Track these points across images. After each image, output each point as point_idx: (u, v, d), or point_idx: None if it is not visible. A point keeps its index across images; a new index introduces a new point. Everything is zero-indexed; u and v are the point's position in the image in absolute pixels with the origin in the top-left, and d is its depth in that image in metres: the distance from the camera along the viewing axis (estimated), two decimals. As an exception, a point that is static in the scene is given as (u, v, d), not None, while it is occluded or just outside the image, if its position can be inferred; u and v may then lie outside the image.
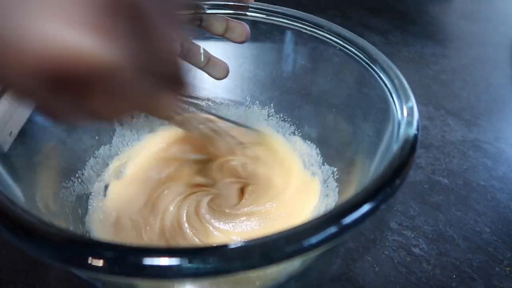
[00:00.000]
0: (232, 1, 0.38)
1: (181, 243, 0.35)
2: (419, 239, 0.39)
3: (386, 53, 0.71)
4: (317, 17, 0.37)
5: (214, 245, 0.17)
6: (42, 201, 0.29)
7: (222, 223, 0.36)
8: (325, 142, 0.40)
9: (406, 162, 0.23)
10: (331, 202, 0.35)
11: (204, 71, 0.40)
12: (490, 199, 0.43)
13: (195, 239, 0.35)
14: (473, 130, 0.53)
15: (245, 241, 0.18)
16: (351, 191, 0.31)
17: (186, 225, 0.36)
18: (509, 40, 0.74)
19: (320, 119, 0.40)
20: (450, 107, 0.57)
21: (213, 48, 0.40)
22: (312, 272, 0.36)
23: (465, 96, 0.59)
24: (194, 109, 0.34)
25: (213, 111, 0.40)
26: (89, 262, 0.17)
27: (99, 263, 0.17)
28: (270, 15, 0.38)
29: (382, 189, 0.21)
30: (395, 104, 0.27)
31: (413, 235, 0.39)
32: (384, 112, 0.29)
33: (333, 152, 0.38)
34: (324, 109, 0.39)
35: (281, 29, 0.38)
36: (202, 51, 0.39)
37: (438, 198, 0.43)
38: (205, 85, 0.42)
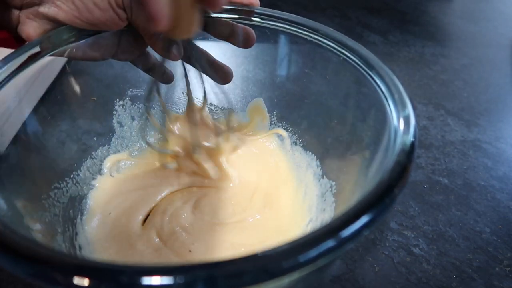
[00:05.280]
0: (237, 6, 0.37)
1: (176, 247, 0.35)
2: (419, 239, 0.39)
3: (386, 53, 0.71)
4: (317, 22, 0.36)
5: (208, 262, 0.17)
6: (26, 202, 0.28)
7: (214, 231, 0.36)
8: (325, 153, 0.39)
9: (404, 171, 0.22)
10: (327, 217, 0.34)
11: (207, 75, 0.40)
12: (490, 199, 0.43)
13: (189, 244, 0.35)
14: (473, 130, 0.53)
15: (241, 257, 0.17)
16: (347, 205, 0.31)
17: (180, 230, 0.36)
18: (509, 40, 0.74)
19: (321, 129, 0.40)
20: (450, 107, 0.57)
21: (213, 49, 0.40)
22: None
23: (465, 96, 0.59)
24: None
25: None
26: (74, 282, 0.16)
27: (84, 282, 0.16)
28: (267, 19, 0.37)
29: (380, 200, 0.20)
30: (391, 112, 0.27)
31: (413, 235, 0.39)
32: (381, 121, 0.28)
33: (333, 164, 0.38)
34: (324, 118, 0.39)
35: (281, 34, 0.38)
36: (205, 54, 0.39)
37: (438, 198, 0.43)
38: (204, 85, 0.42)
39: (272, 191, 0.40)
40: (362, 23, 0.78)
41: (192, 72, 0.40)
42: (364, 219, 0.19)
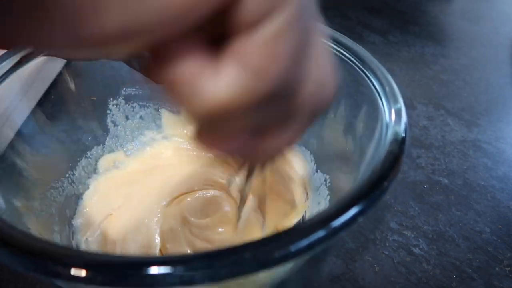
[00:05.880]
0: None
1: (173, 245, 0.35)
2: (419, 239, 0.39)
3: (386, 53, 0.71)
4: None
5: (203, 252, 0.17)
6: (24, 202, 0.28)
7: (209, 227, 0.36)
8: (319, 147, 0.39)
9: (395, 161, 0.22)
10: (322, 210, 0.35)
11: None
12: (490, 199, 0.43)
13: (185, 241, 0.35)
14: (473, 130, 0.53)
15: (233, 247, 0.17)
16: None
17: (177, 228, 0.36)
18: (509, 40, 0.74)
19: (315, 124, 0.40)
20: (450, 107, 0.57)
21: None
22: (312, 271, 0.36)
23: (465, 96, 0.59)
24: None
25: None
26: (71, 273, 0.16)
27: (82, 273, 0.16)
28: None
29: (371, 190, 0.21)
30: (383, 106, 0.27)
31: (413, 235, 0.39)
32: (373, 114, 0.28)
33: (327, 158, 0.38)
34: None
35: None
36: None
37: (438, 198, 0.43)
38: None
39: (265, 186, 0.40)
40: (362, 23, 0.78)
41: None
42: (355, 209, 0.19)
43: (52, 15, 0.10)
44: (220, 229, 0.36)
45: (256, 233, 0.36)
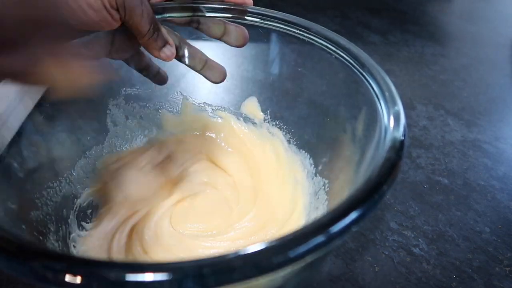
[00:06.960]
0: (230, 5, 0.37)
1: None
2: (419, 239, 0.39)
3: (386, 53, 0.71)
4: (308, 21, 0.36)
5: (198, 258, 0.17)
6: (19, 202, 0.28)
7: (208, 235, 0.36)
8: (318, 151, 0.39)
9: (393, 167, 0.22)
10: (320, 215, 0.34)
11: (201, 74, 0.40)
12: (490, 199, 0.43)
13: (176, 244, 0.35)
14: (473, 130, 0.53)
15: (230, 253, 0.17)
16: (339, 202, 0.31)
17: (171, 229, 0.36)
18: (509, 40, 0.74)
19: (314, 128, 0.40)
20: (450, 107, 0.57)
21: (212, 49, 0.40)
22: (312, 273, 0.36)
23: (465, 96, 0.59)
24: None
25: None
26: (66, 279, 0.16)
27: (76, 280, 0.16)
28: (260, 19, 0.37)
29: (369, 196, 0.20)
30: (382, 109, 0.27)
31: (413, 235, 0.39)
32: (372, 118, 0.28)
33: (326, 162, 0.38)
34: (317, 117, 0.39)
35: (274, 33, 0.38)
36: (199, 54, 0.39)
37: (438, 198, 0.43)
38: (204, 84, 0.42)
39: (265, 191, 0.40)
40: (362, 23, 0.78)
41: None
42: (353, 215, 0.19)
43: None
44: None
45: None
